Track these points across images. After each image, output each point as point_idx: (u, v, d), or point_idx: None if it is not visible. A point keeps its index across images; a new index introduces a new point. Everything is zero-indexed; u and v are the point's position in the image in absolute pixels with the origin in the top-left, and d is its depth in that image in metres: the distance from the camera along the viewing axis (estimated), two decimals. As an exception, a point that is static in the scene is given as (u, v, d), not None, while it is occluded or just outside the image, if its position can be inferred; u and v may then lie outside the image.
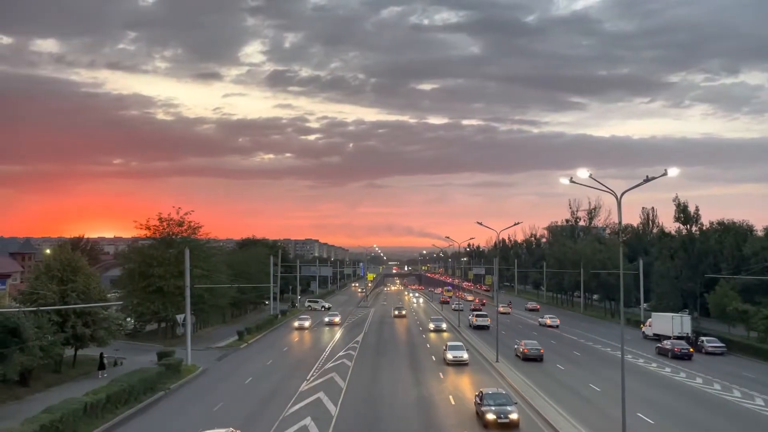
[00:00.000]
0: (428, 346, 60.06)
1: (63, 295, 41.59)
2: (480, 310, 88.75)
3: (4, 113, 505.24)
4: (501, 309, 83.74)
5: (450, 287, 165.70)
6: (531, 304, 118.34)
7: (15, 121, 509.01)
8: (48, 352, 37.65)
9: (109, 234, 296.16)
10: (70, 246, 51.75)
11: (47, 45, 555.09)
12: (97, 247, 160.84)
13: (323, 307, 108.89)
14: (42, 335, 35.97)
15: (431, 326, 72.85)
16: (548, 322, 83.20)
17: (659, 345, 58.07)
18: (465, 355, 47.94)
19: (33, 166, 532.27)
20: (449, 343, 51.35)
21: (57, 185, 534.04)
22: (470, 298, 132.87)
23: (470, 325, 76.92)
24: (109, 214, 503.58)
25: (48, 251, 64.90)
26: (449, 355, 47.85)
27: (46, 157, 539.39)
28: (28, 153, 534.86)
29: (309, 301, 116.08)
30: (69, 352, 43.86)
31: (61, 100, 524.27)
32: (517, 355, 51.74)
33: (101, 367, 43.15)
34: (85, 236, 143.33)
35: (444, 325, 72.85)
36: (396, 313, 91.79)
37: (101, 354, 44.48)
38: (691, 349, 54.41)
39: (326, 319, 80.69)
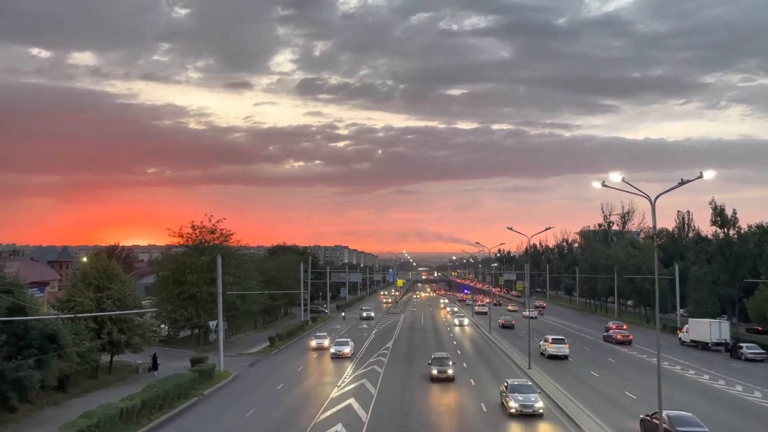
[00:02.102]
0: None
1: (99, 302, 42.36)
2: (484, 306, 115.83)
3: (43, 125, 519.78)
4: (510, 307, 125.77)
5: (468, 290, 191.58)
6: (538, 302, 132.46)
7: (53, 132, 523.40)
8: (85, 358, 38.39)
9: (143, 242, 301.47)
10: (105, 254, 52.72)
11: (84, 58, 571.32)
12: (132, 254, 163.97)
13: (362, 315, 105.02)
14: (79, 342, 36.68)
15: (512, 404, 32.87)
16: (527, 313, 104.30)
17: (605, 333, 74.34)
18: None
19: (70, 176, 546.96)
20: None
21: (93, 194, 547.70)
22: (487, 300, 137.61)
23: (474, 312, 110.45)
24: (143, 223, 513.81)
25: (85, 259, 66.26)
26: None
27: (83, 167, 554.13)
28: (66, 163, 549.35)
29: (362, 309, 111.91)
30: (105, 358, 44.66)
31: (97, 112, 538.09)
32: (498, 326, 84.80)
33: (154, 367, 45.72)
34: (120, 244, 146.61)
35: (540, 405, 32.97)
36: (435, 372, 43.30)
37: (154, 355, 47.29)
38: (629, 336, 69.46)
39: (333, 350, 55.69)
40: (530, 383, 36.85)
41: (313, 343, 62.66)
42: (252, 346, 64.51)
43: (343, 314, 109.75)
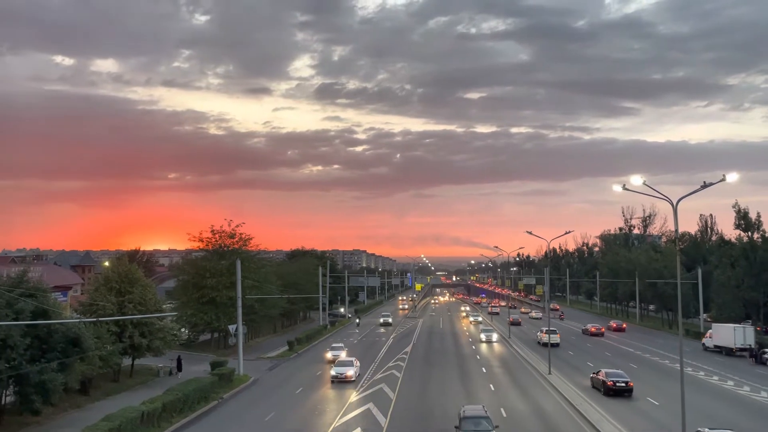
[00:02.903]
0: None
1: (121, 306, 42.87)
2: (496, 306, 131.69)
3: (67, 131, 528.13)
4: (522, 309, 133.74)
5: (484, 294, 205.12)
6: (553, 304, 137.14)
7: (76, 138, 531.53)
8: (107, 362, 38.87)
9: (163, 246, 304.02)
10: (127, 258, 53.37)
11: (106, 65, 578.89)
12: (153, 259, 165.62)
13: (380, 321, 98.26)
14: (101, 345, 37.15)
15: None
16: (533, 314, 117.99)
17: (583, 328, 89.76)
18: None
19: (93, 181, 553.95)
20: None
21: (115, 200, 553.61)
22: (503, 303, 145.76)
23: (488, 312, 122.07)
24: (164, 227, 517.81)
25: (106, 264, 67.05)
26: None
27: (105, 173, 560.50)
28: (88, 169, 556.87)
29: (382, 314, 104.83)
30: (126, 361, 45.13)
31: (119, 118, 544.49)
32: (508, 323, 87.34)
33: (179, 368, 47.33)
34: (142, 248, 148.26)
35: None
36: None
37: (179, 357, 48.93)
38: (602, 329, 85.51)
39: (333, 372, 45.29)
40: None
41: (329, 355, 56.42)
42: (271, 350, 64.75)
43: (357, 321, 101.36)
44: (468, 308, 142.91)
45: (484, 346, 69.29)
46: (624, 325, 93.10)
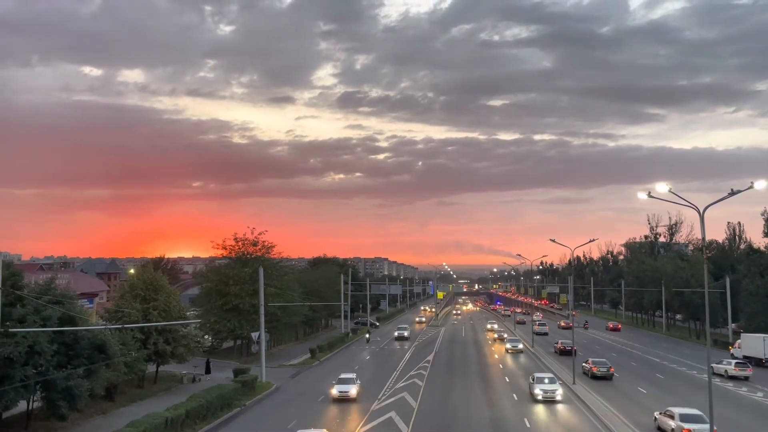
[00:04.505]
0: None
1: (146, 313, 43.31)
2: (509, 312, 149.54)
3: (94, 141, 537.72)
4: (535, 315, 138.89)
5: (500, 302, 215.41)
6: (564, 313, 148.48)
7: (103, 147, 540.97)
8: (132, 368, 39.25)
9: (188, 254, 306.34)
10: (152, 266, 53.99)
11: (133, 75, 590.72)
12: (177, 266, 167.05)
13: (395, 335, 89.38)
14: (126, 352, 37.57)
15: None
16: (534, 317, 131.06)
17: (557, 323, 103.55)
18: None
19: (119, 189, 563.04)
20: None
21: (141, 208, 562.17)
22: (519, 309, 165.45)
23: (501, 315, 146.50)
24: (188, 235, 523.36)
25: (132, 271, 67.96)
26: None
27: (131, 181, 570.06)
28: (115, 177, 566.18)
29: (398, 327, 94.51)
30: (151, 368, 45.54)
31: (145, 127, 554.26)
32: (515, 322, 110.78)
33: (207, 371, 49.28)
34: (166, 256, 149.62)
35: None
36: None
37: (207, 360, 51.03)
38: (570, 324, 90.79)
39: None
40: None
41: (335, 391, 41.19)
42: (293, 357, 64.93)
43: (367, 335, 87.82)
44: (496, 325, 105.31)
45: (510, 358, 68.46)
46: (619, 326, 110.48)
